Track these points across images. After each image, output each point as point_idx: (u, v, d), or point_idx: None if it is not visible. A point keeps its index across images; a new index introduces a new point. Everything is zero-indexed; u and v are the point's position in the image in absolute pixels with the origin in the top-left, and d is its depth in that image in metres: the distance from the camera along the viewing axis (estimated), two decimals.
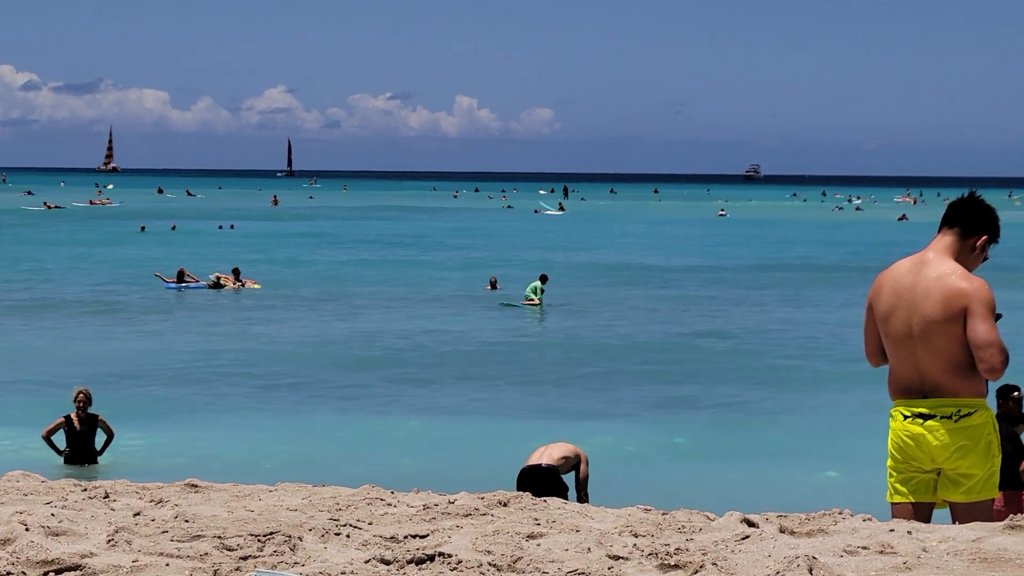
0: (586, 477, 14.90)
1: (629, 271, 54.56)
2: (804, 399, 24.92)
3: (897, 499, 7.19)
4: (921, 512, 7.12)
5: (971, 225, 7.19)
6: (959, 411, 6.99)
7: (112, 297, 43.07)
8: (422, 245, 71.82)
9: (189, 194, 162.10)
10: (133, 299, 42.81)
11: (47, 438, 19.34)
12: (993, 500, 7.18)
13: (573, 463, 14.96)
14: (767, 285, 48.73)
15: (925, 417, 7.03)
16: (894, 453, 7.18)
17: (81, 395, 19.44)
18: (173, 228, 79.26)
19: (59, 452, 19.24)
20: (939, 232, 7.22)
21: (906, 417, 7.09)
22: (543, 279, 41.37)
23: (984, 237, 7.20)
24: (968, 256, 7.18)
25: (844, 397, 24.60)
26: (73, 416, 19.35)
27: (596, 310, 39.83)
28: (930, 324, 6.98)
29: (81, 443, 19.32)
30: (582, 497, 14.70)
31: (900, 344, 7.09)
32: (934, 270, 7.05)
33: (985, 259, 7.27)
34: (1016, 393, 13.94)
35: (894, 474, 7.20)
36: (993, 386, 7.39)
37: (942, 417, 7.00)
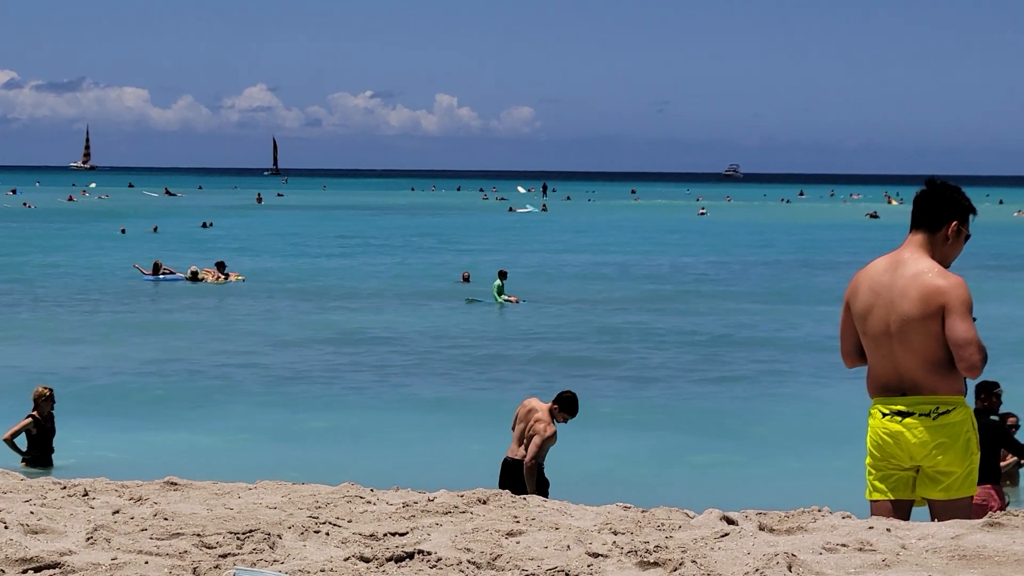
0: (537, 447, 14.87)
1: (611, 270, 54.60)
2: (783, 397, 24.96)
3: (876, 496, 7.20)
4: (900, 509, 7.12)
5: (937, 217, 7.16)
6: (937, 408, 7.00)
7: (89, 292, 42.93)
8: (403, 243, 71.82)
9: (169, 193, 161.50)
10: (110, 293, 42.71)
11: (10, 440, 18.82)
12: (972, 497, 7.18)
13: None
14: (749, 284, 48.82)
15: (903, 415, 7.03)
16: (873, 451, 7.19)
17: (48, 393, 19.13)
18: (155, 230, 78.98)
19: (23, 455, 18.79)
20: (911, 230, 7.22)
21: (885, 415, 7.10)
22: (502, 275, 41.62)
23: (953, 224, 7.18)
24: (943, 247, 7.17)
25: (823, 394, 24.67)
26: (38, 415, 18.98)
27: (577, 308, 39.84)
28: (908, 322, 6.98)
29: (46, 443, 18.93)
30: (528, 465, 14.75)
31: (878, 342, 7.10)
32: (910, 268, 7.05)
33: (967, 238, 7.24)
34: (998, 390, 14.04)
35: (873, 472, 7.21)
36: (973, 382, 7.40)
37: (921, 415, 7.01)
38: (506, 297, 40.85)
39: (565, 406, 15.01)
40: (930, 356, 6.99)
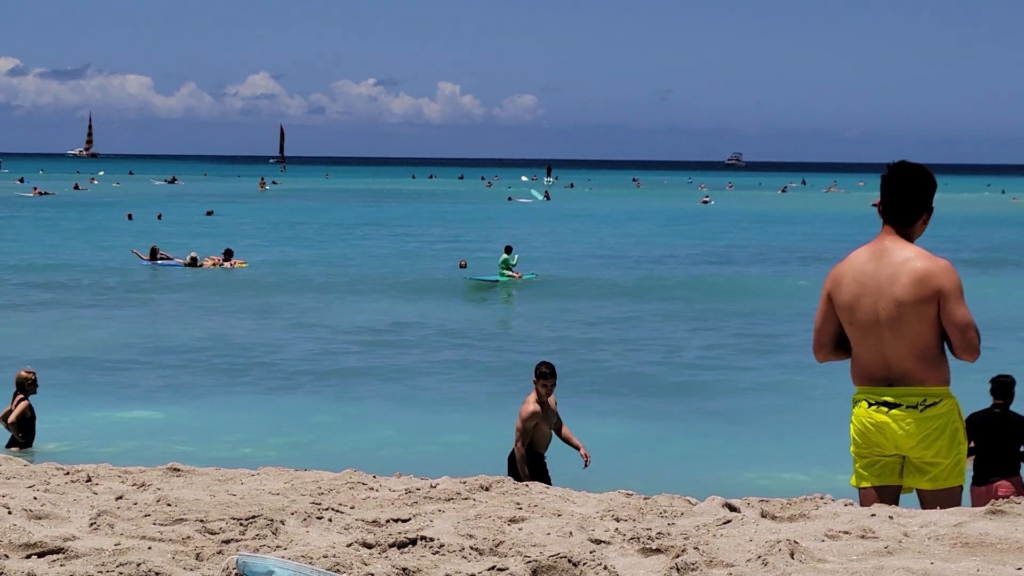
0: (516, 432, 14.88)
1: (613, 258, 54.59)
2: (786, 384, 24.96)
3: (863, 484, 7.18)
4: (888, 495, 7.10)
5: (915, 213, 7.15)
6: (925, 400, 6.98)
7: (90, 278, 42.96)
8: (405, 230, 71.83)
9: (174, 180, 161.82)
10: (110, 279, 42.73)
11: (13, 424, 18.88)
12: (960, 486, 7.16)
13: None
14: (750, 271, 48.81)
15: (891, 406, 7.01)
16: (856, 438, 7.16)
17: (34, 377, 19.17)
18: (159, 217, 79.09)
19: (17, 439, 18.89)
20: (887, 223, 7.16)
21: (871, 404, 7.07)
22: (508, 250, 41.57)
23: (929, 213, 7.20)
24: (920, 229, 7.19)
25: (825, 382, 24.62)
26: (27, 401, 19.09)
27: (578, 296, 39.84)
28: (901, 307, 6.95)
29: (33, 427, 19.10)
30: (515, 453, 14.77)
31: (867, 331, 7.06)
32: (896, 255, 7.03)
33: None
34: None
35: (858, 459, 7.20)
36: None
37: (908, 407, 6.98)
38: (510, 273, 40.84)
39: (537, 375, 14.85)
40: (921, 344, 6.97)
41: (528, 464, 14.75)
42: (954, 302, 6.94)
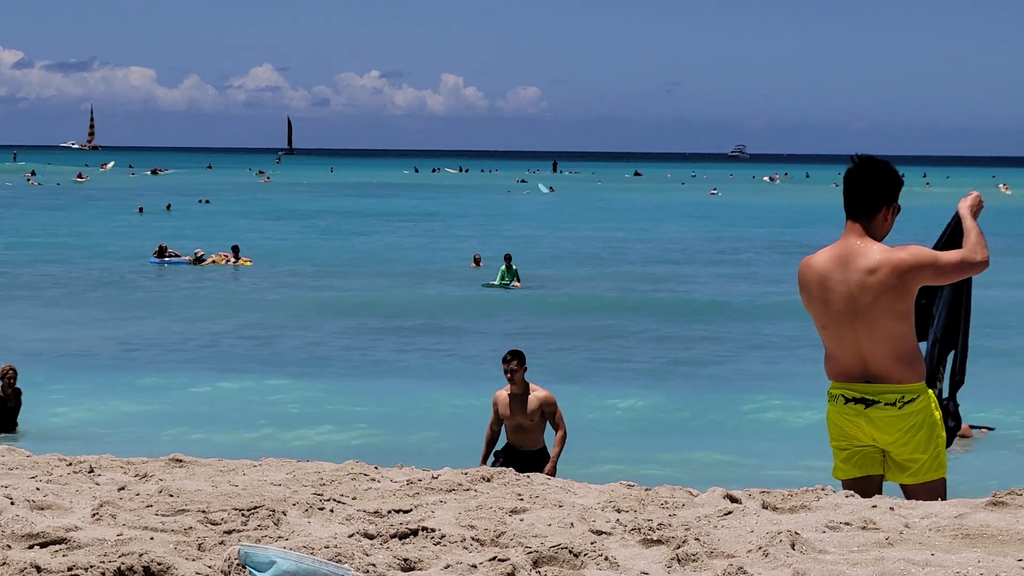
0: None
1: (618, 249, 54.57)
2: (789, 375, 24.95)
3: (844, 475, 7.17)
4: (871, 484, 7.08)
5: (875, 204, 7.06)
6: (903, 398, 6.93)
7: (97, 273, 43.01)
8: (410, 224, 71.83)
9: (159, 171, 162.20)
10: (116, 274, 42.78)
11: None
12: (943, 479, 7.14)
13: (548, 414, 14.79)
14: (755, 261, 48.77)
15: (868, 403, 6.97)
16: (832, 432, 7.15)
17: (11, 371, 19.76)
18: (168, 208, 79.21)
19: None
20: (849, 218, 7.08)
21: (848, 400, 7.04)
22: (507, 259, 41.49)
23: (893, 205, 7.12)
24: (883, 225, 7.10)
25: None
26: (1, 394, 19.69)
27: (580, 288, 39.84)
28: (875, 308, 6.87)
29: (10, 420, 19.68)
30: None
31: (842, 336, 6.98)
32: (862, 260, 6.91)
33: (897, 210, 7.16)
34: None
35: (837, 452, 7.18)
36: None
37: (886, 404, 6.96)
38: (512, 282, 40.82)
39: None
40: (898, 345, 6.89)
41: (505, 457, 14.61)
42: (934, 262, 6.93)
